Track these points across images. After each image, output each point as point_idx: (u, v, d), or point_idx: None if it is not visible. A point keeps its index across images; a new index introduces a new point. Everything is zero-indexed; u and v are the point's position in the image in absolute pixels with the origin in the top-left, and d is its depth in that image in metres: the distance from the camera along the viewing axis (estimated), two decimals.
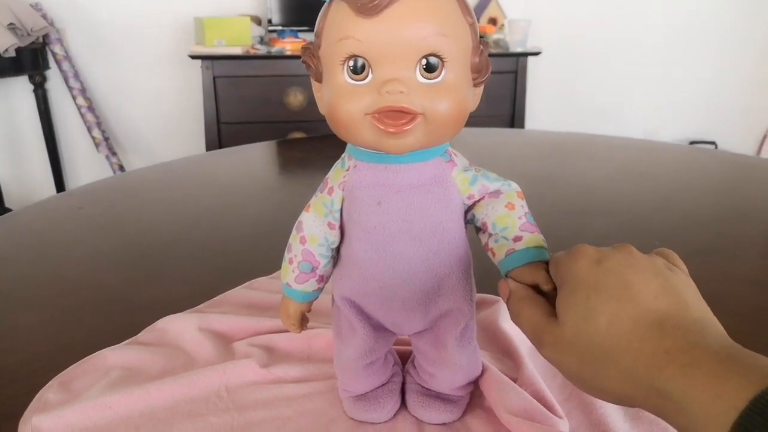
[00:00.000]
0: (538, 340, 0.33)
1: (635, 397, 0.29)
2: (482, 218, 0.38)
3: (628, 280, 0.30)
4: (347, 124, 0.33)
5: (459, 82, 0.34)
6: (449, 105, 0.33)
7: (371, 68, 0.32)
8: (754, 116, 2.99)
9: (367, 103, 0.32)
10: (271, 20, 2.46)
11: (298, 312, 0.43)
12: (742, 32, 2.84)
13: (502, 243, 0.37)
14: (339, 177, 0.38)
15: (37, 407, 0.46)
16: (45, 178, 2.58)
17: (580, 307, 0.31)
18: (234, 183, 1.13)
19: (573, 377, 0.32)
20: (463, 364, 0.43)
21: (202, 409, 0.45)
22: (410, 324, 0.41)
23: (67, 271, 0.73)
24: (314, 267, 0.40)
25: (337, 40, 0.33)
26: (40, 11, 2.33)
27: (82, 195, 1.06)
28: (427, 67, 0.32)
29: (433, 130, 0.33)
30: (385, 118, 0.32)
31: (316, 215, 0.39)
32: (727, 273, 0.70)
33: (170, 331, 0.56)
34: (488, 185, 0.38)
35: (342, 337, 0.43)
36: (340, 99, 0.33)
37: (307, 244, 0.39)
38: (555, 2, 2.73)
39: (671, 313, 0.29)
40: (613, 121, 2.87)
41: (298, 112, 2.34)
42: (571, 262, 0.33)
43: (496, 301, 0.59)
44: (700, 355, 0.27)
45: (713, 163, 1.30)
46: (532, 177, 1.10)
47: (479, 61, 0.35)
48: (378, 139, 0.33)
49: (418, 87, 0.32)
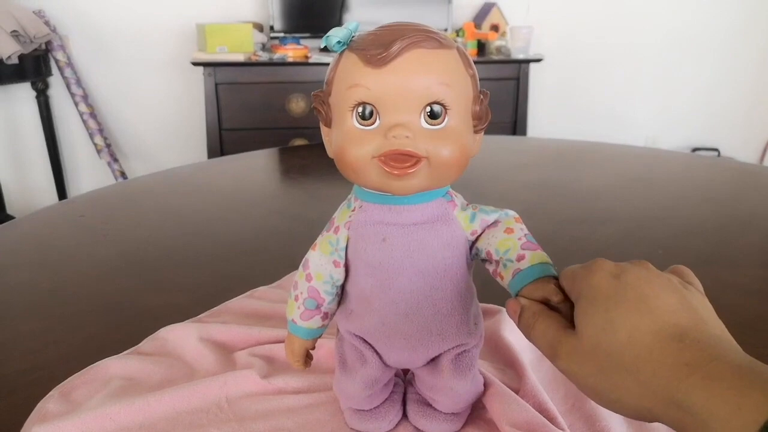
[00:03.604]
0: (554, 351, 0.33)
1: (653, 409, 0.29)
2: (485, 248, 0.39)
3: (647, 294, 0.30)
4: (355, 166, 0.35)
5: (461, 129, 0.36)
6: (451, 149, 0.35)
7: (379, 114, 0.34)
8: (757, 124, 2.99)
9: (374, 147, 0.34)
10: (273, 27, 2.47)
11: (303, 349, 0.43)
12: (744, 39, 2.84)
13: (507, 266, 0.38)
14: (345, 217, 0.39)
15: (38, 418, 0.46)
16: (47, 184, 2.59)
17: (599, 318, 0.31)
18: (236, 190, 1.13)
19: (588, 389, 0.32)
20: (458, 391, 0.43)
21: (202, 420, 0.45)
22: (412, 363, 0.42)
23: (68, 279, 0.73)
24: (319, 304, 0.41)
25: (347, 87, 0.35)
26: (43, 18, 2.34)
27: (84, 203, 1.06)
28: (431, 114, 0.34)
29: (436, 173, 0.35)
30: (390, 161, 0.34)
31: (322, 253, 0.40)
32: (728, 282, 0.70)
33: (171, 341, 0.56)
34: (487, 218, 0.39)
35: (348, 367, 0.43)
36: (349, 143, 0.35)
37: (312, 281, 0.40)
38: (557, 9, 2.74)
39: (690, 327, 0.29)
40: (615, 128, 2.87)
41: (299, 118, 2.35)
42: (589, 275, 0.33)
43: (498, 311, 0.59)
44: (720, 368, 0.27)
45: (715, 170, 1.30)
46: (533, 184, 1.10)
47: (480, 109, 0.37)
48: (384, 181, 0.35)
49: (422, 132, 0.34)
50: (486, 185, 1.04)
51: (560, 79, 2.81)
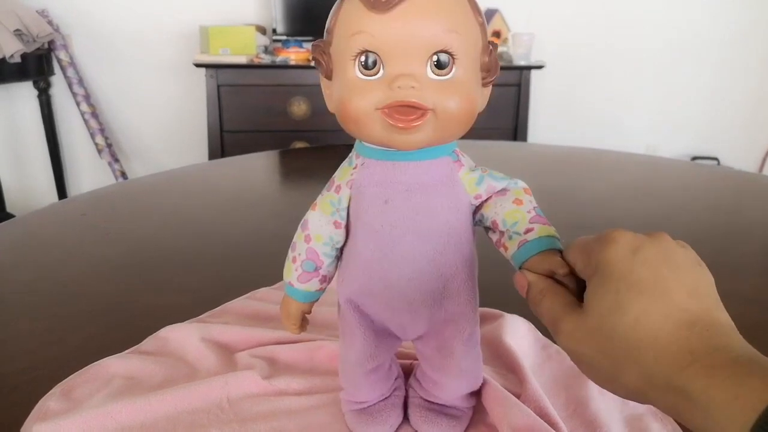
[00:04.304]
0: (557, 328, 0.33)
1: (649, 393, 0.29)
2: (491, 216, 0.38)
3: (663, 275, 0.30)
4: (358, 118, 0.33)
5: (469, 80, 0.34)
6: (459, 101, 0.33)
7: (383, 64, 0.33)
8: (756, 133, 2.99)
9: (378, 98, 0.33)
10: (275, 30, 2.47)
11: (299, 312, 0.42)
12: (744, 49, 2.85)
13: (513, 238, 0.37)
14: (346, 175, 0.38)
15: (38, 416, 0.46)
16: (47, 184, 2.59)
17: (608, 298, 0.30)
18: (236, 192, 1.13)
19: (587, 368, 0.32)
20: (467, 370, 0.43)
21: (203, 421, 0.45)
22: (415, 326, 0.41)
23: (69, 278, 0.73)
24: (318, 266, 0.40)
25: (350, 35, 0.33)
26: (46, 17, 2.34)
27: (85, 202, 1.06)
28: (437, 63, 0.33)
29: (442, 127, 0.33)
30: (395, 113, 0.32)
31: (322, 214, 0.39)
32: (726, 290, 0.69)
33: (172, 341, 0.56)
34: (495, 184, 0.38)
35: (345, 340, 0.43)
36: (351, 94, 0.33)
37: (311, 242, 0.39)
38: (558, 16, 2.75)
39: (702, 314, 0.29)
40: (615, 135, 2.87)
41: (301, 121, 2.35)
42: (605, 249, 0.31)
43: (499, 315, 0.59)
44: (723, 357, 0.27)
45: (714, 179, 1.30)
46: (533, 190, 1.09)
47: (489, 60, 0.35)
48: (388, 135, 0.33)
49: (428, 83, 0.33)
50: None
51: (561, 86, 2.82)
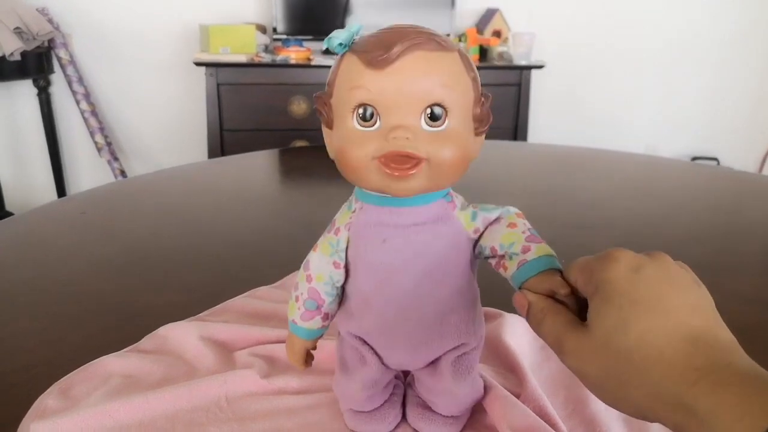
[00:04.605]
0: (560, 347, 0.33)
1: (657, 411, 0.29)
2: (489, 244, 0.39)
3: (664, 293, 0.30)
4: (355, 167, 0.35)
5: (461, 131, 0.36)
6: (452, 151, 0.35)
7: (379, 116, 0.34)
8: (756, 133, 2.99)
9: (374, 148, 0.34)
10: (276, 29, 2.47)
11: (303, 349, 0.44)
12: (744, 49, 2.85)
13: (513, 258, 0.38)
14: (346, 218, 0.40)
15: (36, 414, 0.46)
16: (47, 182, 2.58)
17: (612, 316, 0.30)
18: (236, 191, 1.13)
19: (594, 386, 0.32)
20: (458, 394, 0.43)
21: (202, 419, 0.45)
22: (413, 364, 0.42)
23: (67, 276, 0.73)
24: (319, 305, 0.41)
25: (349, 89, 0.35)
26: (46, 16, 2.34)
27: (84, 200, 1.06)
28: (431, 116, 0.34)
29: (436, 175, 0.35)
30: (391, 162, 0.34)
31: (323, 254, 0.40)
32: (726, 290, 0.70)
33: (171, 339, 0.56)
34: (489, 216, 0.39)
35: (348, 368, 0.43)
36: (349, 144, 0.35)
37: (313, 282, 0.41)
38: (559, 16, 2.74)
39: (704, 331, 0.29)
40: (615, 135, 2.87)
41: (301, 120, 2.35)
42: (606, 268, 0.32)
43: (499, 315, 0.59)
44: (729, 374, 0.27)
45: (714, 179, 1.30)
46: (533, 190, 1.10)
47: (480, 112, 0.37)
48: (384, 182, 0.35)
49: (422, 134, 0.34)
50: (486, 191, 1.04)
51: (561, 85, 2.82)
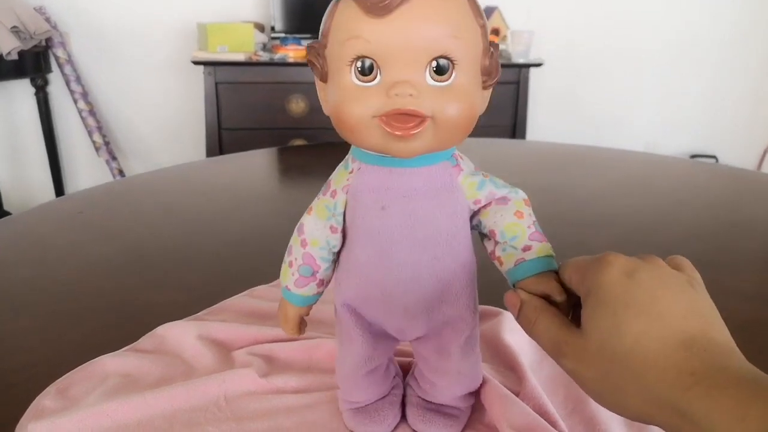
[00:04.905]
0: (558, 350, 0.33)
1: (655, 415, 0.29)
2: (490, 225, 0.37)
3: (658, 296, 0.30)
4: (354, 126, 0.33)
5: (469, 85, 0.33)
6: (459, 108, 0.32)
7: (380, 69, 0.32)
8: (755, 131, 2.99)
9: (375, 106, 0.32)
10: (274, 27, 2.47)
11: (297, 316, 0.42)
12: (743, 47, 2.85)
13: (510, 252, 0.37)
14: (342, 180, 0.37)
15: (34, 414, 0.45)
16: (44, 181, 2.58)
17: (607, 320, 0.30)
18: (234, 190, 1.12)
19: (591, 390, 0.32)
20: (465, 373, 0.42)
21: (200, 419, 0.45)
22: (413, 330, 0.40)
23: (65, 275, 0.73)
24: (315, 271, 0.39)
25: (345, 39, 0.32)
26: (43, 15, 2.33)
27: (82, 199, 1.06)
28: (437, 69, 0.32)
29: (441, 134, 0.33)
30: (393, 122, 0.31)
31: (318, 218, 0.38)
32: (726, 287, 0.70)
33: (169, 339, 0.56)
34: (495, 191, 0.37)
35: (343, 344, 0.42)
36: (346, 101, 0.32)
37: (308, 247, 0.39)
38: (557, 14, 2.74)
39: (698, 335, 0.29)
40: (614, 133, 2.87)
41: (299, 119, 2.34)
42: (600, 271, 0.32)
43: (498, 313, 0.59)
44: (725, 378, 0.27)
45: (713, 177, 1.30)
46: (532, 187, 1.09)
47: (489, 64, 0.34)
48: (385, 143, 0.32)
49: (427, 89, 0.32)
50: None
51: (560, 83, 2.82)
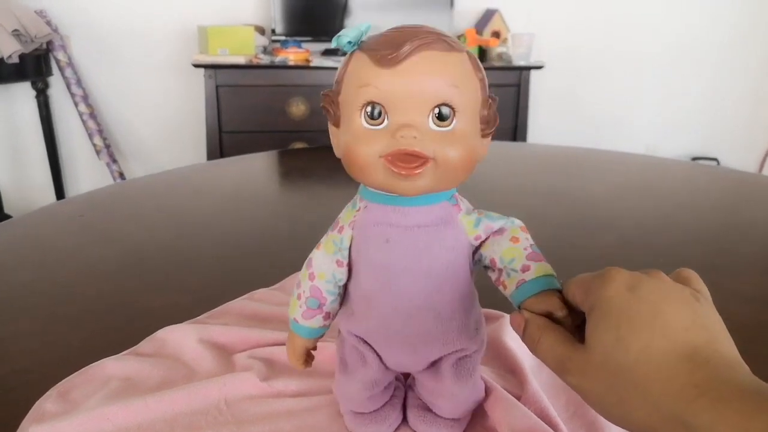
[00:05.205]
0: (562, 366, 0.33)
1: (659, 428, 0.29)
2: (489, 255, 0.39)
3: (661, 310, 0.30)
4: (362, 165, 0.35)
5: (468, 132, 0.36)
6: (459, 151, 0.35)
7: (387, 114, 0.34)
8: (756, 133, 2.99)
9: (381, 146, 0.34)
10: (274, 30, 2.47)
11: (304, 348, 0.43)
12: (744, 50, 2.85)
13: (512, 276, 0.38)
14: (350, 217, 0.39)
15: (35, 417, 0.45)
16: (45, 184, 2.58)
17: (610, 334, 0.30)
18: (235, 192, 1.12)
19: (597, 404, 0.32)
20: (462, 397, 0.43)
21: (201, 422, 0.45)
22: (413, 366, 0.42)
23: (66, 279, 0.73)
24: (321, 303, 0.41)
25: (357, 87, 0.35)
26: (44, 18, 2.34)
27: (83, 202, 1.06)
28: (439, 115, 0.34)
29: (442, 175, 0.35)
30: (397, 161, 0.34)
31: (326, 253, 0.40)
32: (728, 289, 0.70)
33: (170, 342, 0.56)
34: (492, 225, 0.39)
35: (348, 368, 0.43)
36: (356, 142, 0.35)
37: (315, 280, 0.40)
38: (558, 17, 2.75)
39: (702, 347, 0.29)
40: (615, 135, 2.87)
41: (300, 122, 2.35)
42: (602, 287, 0.32)
43: (499, 316, 0.59)
44: (729, 390, 0.27)
45: (714, 179, 1.30)
46: (533, 190, 1.10)
47: (488, 114, 0.37)
48: (390, 181, 0.35)
49: (430, 134, 0.34)
50: (486, 191, 1.03)
51: (561, 86, 2.82)
